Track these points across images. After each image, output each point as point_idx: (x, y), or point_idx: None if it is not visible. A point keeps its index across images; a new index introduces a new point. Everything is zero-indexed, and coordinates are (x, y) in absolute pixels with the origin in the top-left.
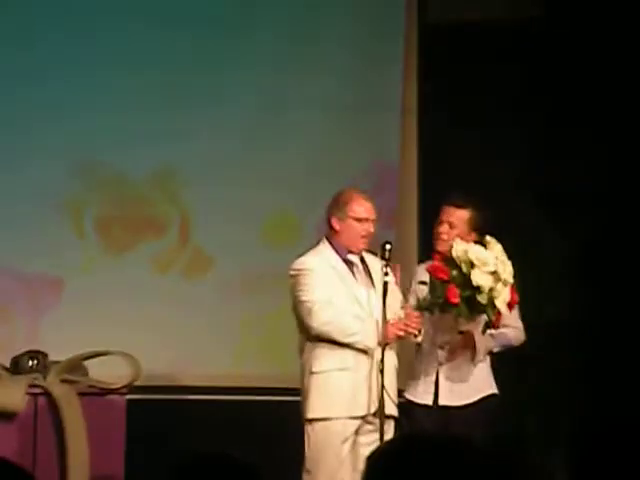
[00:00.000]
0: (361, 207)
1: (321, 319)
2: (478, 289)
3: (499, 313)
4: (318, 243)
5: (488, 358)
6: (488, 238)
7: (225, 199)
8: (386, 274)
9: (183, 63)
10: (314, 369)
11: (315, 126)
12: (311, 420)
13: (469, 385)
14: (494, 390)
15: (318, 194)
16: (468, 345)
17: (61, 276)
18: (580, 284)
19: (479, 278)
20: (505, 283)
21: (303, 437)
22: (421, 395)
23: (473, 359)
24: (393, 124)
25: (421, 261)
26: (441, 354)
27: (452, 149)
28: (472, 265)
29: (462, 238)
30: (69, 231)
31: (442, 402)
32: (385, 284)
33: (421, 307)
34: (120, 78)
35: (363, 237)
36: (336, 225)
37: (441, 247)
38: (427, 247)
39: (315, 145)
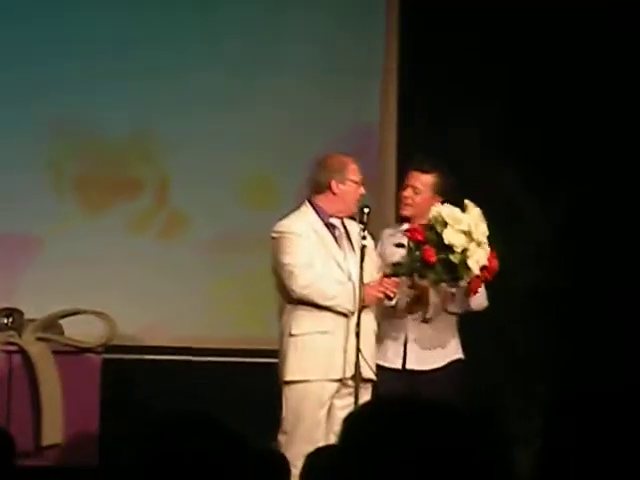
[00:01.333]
0: (356, 170)
1: (301, 282)
2: (451, 249)
3: (477, 278)
4: (300, 206)
5: (455, 323)
6: (466, 201)
7: (203, 161)
8: (364, 238)
9: (161, 25)
10: (293, 331)
11: (295, 90)
12: (289, 382)
13: (437, 350)
14: (461, 355)
15: (296, 157)
16: (421, 301)
17: (38, 235)
18: (559, 251)
19: (451, 236)
20: (479, 243)
21: (280, 399)
22: (390, 359)
23: (424, 318)
24: (373, 89)
25: (389, 226)
26: (409, 318)
27: (432, 115)
28: (445, 225)
29: (426, 203)
30: (47, 191)
31: (410, 366)
32: (363, 248)
33: (398, 272)
34: (100, 40)
35: (357, 200)
36: (335, 188)
37: (405, 212)
38: None
39: (294, 109)
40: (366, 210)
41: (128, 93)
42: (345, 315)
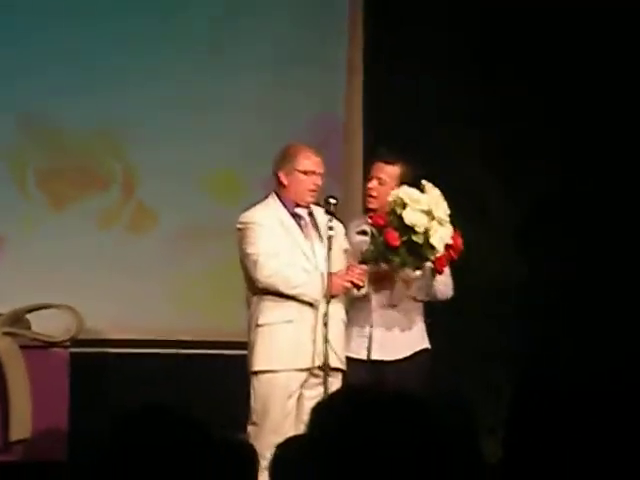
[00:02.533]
0: (308, 160)
1: (266, 272)
2: (413, 229)
3: (442, 257)
4: (267, 197)
5: (422, 312)
6: (424, 182)
7: (170, 155)
8: (330, 228)
9: (129, 24)
10: (259, 322)
11: (261, 83)
12: (256, 372)
13: (402, 340)
14: (427, 345)
15: (263, 149)
16: (386, 283)
17: (3, 230)
18: (523, 243)
19: (412, 217)
20: (440, 222)
21: (249, 390)
22: (355, 350)
23: (391, 303)
24: (339, 79)
25: (355, 218)
26: (375, 308)
27: (398, 104)
28: (405, 206)
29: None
30: (11, 186)
31: (375, 357)
32: (329, 238)
33: (365, 259)
34: (65, 31)
35: (311, 191)
36: (283, 179)
37: (371, 204)
38: None
39: (260, 102)
40: (332, 201)
41: (95, 87)
42: (311, 304)
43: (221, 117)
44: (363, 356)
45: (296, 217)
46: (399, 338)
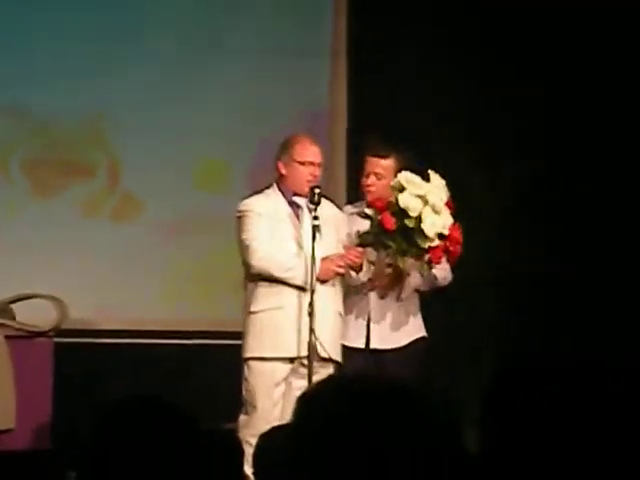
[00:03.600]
0: (305, 150)
1: (258, 255)
2: (407, 213)
3: (437, 248)
4: (268, 187)
5: (418, 301)
6: (430, 171)
7: (155, 144)
8: (315, 218)
9: (113, 12)
10: (252, 309)
11: (244, 74)
12: (247, 359)
13: (400, 328)
14: (424, 333)
15: (248, 140)
16: (398, 281)
17: None
18: (509, 229)
19: (406, 200)
20: (435, 209)
21: (236, 379)
22: (353, 339)
23: (399, 297)
24: (322, 69)
25: (349, 202)
26: (372, 297)
27: (382, 94)
28: (402, 190)
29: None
30: None
31: (373, 345)
32: (314, 228)
33: (363, 242)
34: (50, 20)
35: (309, 181)
36: (282, 169)
37: (372, 199)
38: (354, 191)
39: (244, 93)
40: (317, 190)
41: (79, 77)
42: (303, 289)
43: (206, 107)
44: (361, 344)
45: (294, 206)
46: (397, 327)
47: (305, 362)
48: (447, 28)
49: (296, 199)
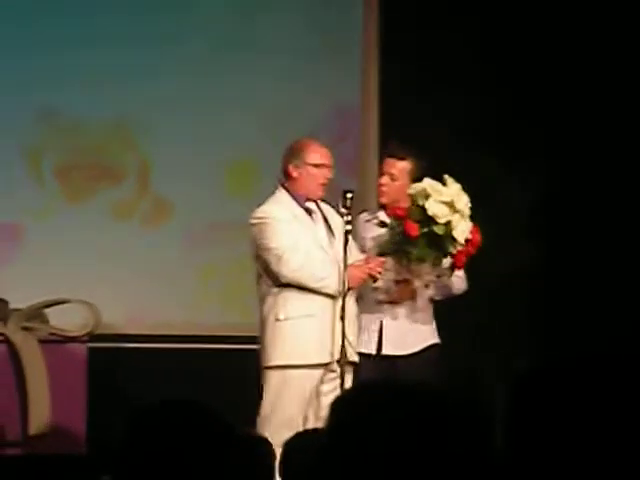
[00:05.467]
0: (317, 153)
1: (292, 266)
2: (434, 220)
3: (460, 252)
4: (274, 192)
5: (431, 307)
6: (446, 176)
7: (185, 147)
8: (347, 223)
9: (143, 15)
10: (280, 316)
11: (276, 75)
12: (272, 367)
13: (412, 335)
14: (437, 340)
15: (279, 143)
16: (406, 295)
17: (21, 224)
18: (534, 231)
19: (435, 207)
20: (462, 215)
21: (260, 385)
22: (365, 344)
23: (413, 308)
24: (354, 71)
25: (364, 210)
26: (385, 303)
27: (414, 96)
28: (427, 197)
29: (403, 189)
30: (28, 178)
31: (386, 351)
32: (347, 233)
33: (383, 251)
34: (82, 30)
35: (321, 184)
36: (294, 172)
37: (383, 199)
38: None
39: (276, 94)
40: (349, 195)
41: (109, 81)
42: (332, 297)
43: (236, 110)
44: (372, 350)
45: (307, 211)
46: (410, 333)
47: (332, 367)
48: (485, 26)
49: (308, 204)
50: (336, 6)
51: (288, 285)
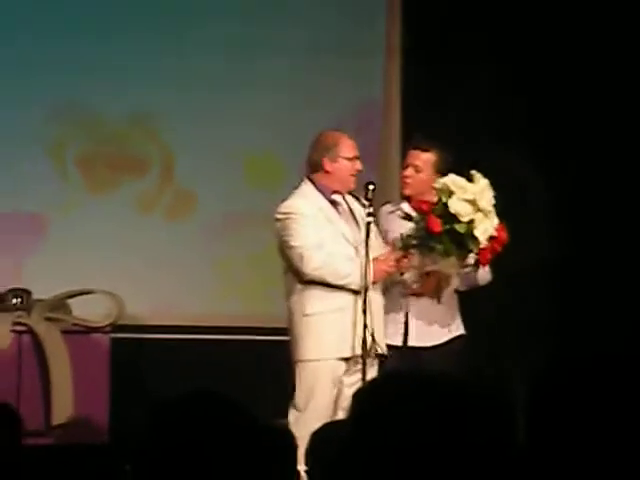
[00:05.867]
0: (350, 146)
1: (313, 265)
2: (457, 218)
3: (485, 250)
4: (299, 185)
5: (456, 298)
6: (473, 172)
7: (207, 139)
8: (369, 215)
9: (163, 8)
10: (307, 311)
11: (298, 68)
12: (303, 361)
13: (438, 326)
14: (462, 331)
15: (301, 136)
16: (431, 288)
17: (44, 215)
18: (561, 226)
19: (457, 205)
20: (485, 213)
21: (288, 376)
22: (391, 336)
23: (439, 300)
24: (376, 65)
25: (387, 202)
26: (410, 295)
27: (435, 91)
28: (451, 194)
29: (427, 181)
30: (52, 171)
31: (412, 343)
32: (368, 225)
33: (407, 244)
34: (102, 21)
35: (352, 176)
36: (328, 166)
37: (406, 191)
38: None
39: (298, 87)
40: (371, 187)
41: (132, 72)
42: (356, 292)
43: (258, 103)
44: (399, 342)
45: (333, 203)
46: (435, 324)
47: (356, 359)
48: (503, 21)
49: (335, 197)
50: (359, 2)
51: (312, 281)
